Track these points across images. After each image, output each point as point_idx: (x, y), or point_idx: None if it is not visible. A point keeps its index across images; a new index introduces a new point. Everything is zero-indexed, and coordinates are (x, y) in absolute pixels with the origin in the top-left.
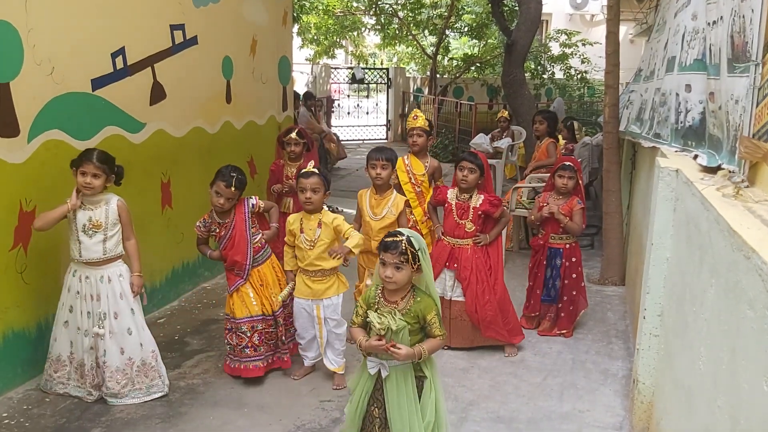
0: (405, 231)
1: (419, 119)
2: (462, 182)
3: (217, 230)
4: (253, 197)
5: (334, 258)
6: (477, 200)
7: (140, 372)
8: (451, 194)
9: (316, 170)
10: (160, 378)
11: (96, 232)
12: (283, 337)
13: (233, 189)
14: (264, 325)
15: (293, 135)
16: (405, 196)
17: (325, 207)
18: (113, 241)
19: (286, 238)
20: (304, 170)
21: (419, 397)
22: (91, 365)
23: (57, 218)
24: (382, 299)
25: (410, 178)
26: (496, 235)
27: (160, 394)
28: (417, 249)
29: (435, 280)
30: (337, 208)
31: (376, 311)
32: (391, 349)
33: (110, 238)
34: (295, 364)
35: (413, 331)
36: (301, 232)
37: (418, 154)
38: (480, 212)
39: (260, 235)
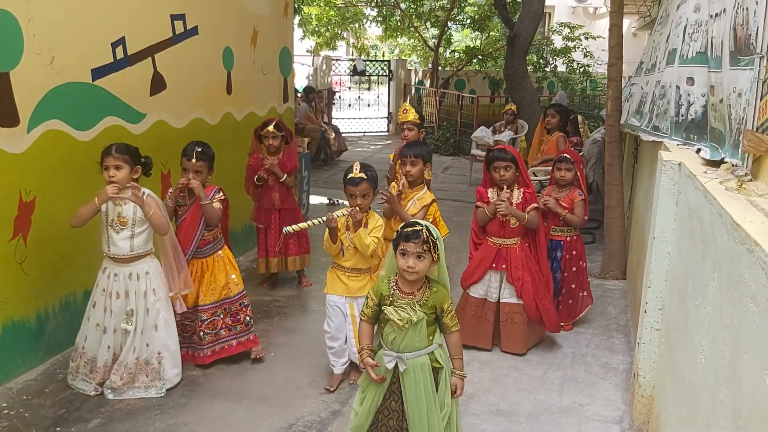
0: (422, 221)
1: (410, 113)
2: (502, 182)
3: (179, 208)
4: (221, 192)
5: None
6: (518, 195)
7: (142, 371)
8: (492, 193)
9: (363, 175)
10: (160, 381)
11: (122, 228)
12: (250, 319)
13: (194, 161)
14: (211, 314)
15: (271, 128)
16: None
17: (322, 199)
18: (141, 239)
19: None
20: (351, 176)
21: (436, 388)
22: (105, 362)
23: (88, 215)
24: (397, 291)
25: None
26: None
27: (156, 396)
28: (436, 238)
29: (478, 282)
30: (337, 201)
31: (390, 304)
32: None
33: (138, 235)
34: (285, 363)
35: (429, 322)
36: (347, 229)
37: None
38: (523, 207)
39: (217, 229)
